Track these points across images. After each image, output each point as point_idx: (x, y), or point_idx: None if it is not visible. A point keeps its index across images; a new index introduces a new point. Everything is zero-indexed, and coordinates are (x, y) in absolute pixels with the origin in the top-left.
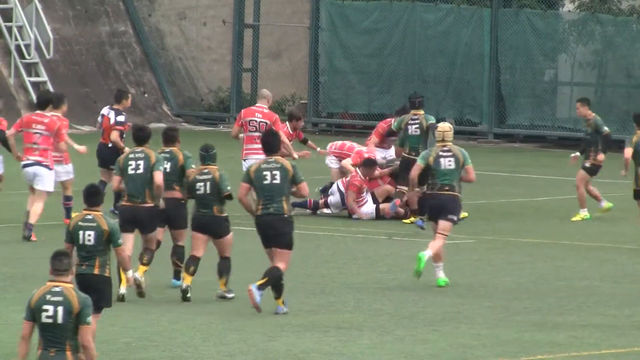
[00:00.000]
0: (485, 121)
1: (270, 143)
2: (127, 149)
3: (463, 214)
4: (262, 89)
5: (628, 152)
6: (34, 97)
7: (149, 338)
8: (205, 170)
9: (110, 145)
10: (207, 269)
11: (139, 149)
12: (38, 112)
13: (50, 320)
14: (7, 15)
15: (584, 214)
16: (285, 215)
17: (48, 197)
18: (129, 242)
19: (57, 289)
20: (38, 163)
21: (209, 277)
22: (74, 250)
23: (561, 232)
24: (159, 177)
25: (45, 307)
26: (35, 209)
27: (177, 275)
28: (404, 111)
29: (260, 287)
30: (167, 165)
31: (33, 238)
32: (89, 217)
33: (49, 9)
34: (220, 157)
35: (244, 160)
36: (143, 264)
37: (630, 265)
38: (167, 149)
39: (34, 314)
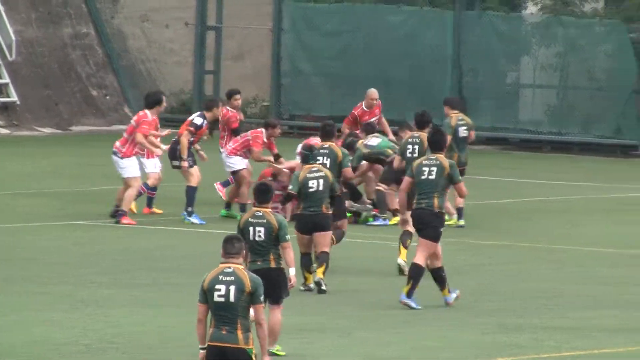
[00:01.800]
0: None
1: (436, 141)
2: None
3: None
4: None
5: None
6: None
7: (110, 340)
8: (315, 169)
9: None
10: (171, 271)
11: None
12: None
13: (222, 299)
14: None
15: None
16: (436, 210)
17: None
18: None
19: (229, 270)
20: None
21: (171, 279)
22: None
23: (523, 234)
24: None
25: (217, 286)
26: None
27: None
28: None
29: (409, 294)
30: (327, 161)
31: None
32: (259, 213)
33: (11, 10)
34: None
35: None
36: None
37: (592, 268)
38: (326, 145)
39: (206, 295)
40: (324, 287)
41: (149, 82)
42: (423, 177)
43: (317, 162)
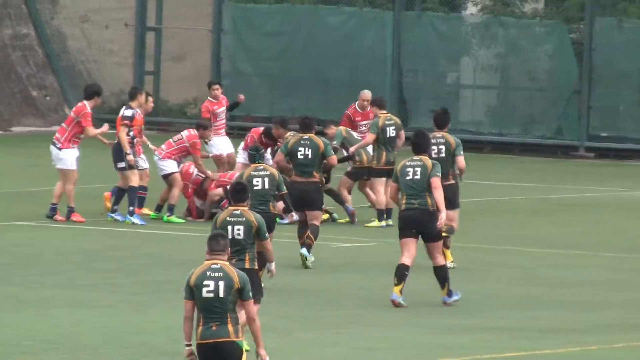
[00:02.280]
0: None
1: (419, 144)
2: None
3: (378, 223)
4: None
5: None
6: None
7: (51, 340)
8: (261, 167)
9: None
10: (113, 272)
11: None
12: None
13: (211, 295)
14: None
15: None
16: (431, 209)
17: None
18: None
19: (216, 266)
20: None
21: (112, 280)
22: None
23: (467, 235)
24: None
25: (206, 282)
26: None
27: (308, 248)
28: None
29: (449, 294)
30: (309, 152)
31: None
32: (237, 212)
33: None
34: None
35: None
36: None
37: (535, 269)
38: (306, 136)
39: (193, 291)
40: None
41: (89, 83)
42: (409, 178)
43: (300, 152)
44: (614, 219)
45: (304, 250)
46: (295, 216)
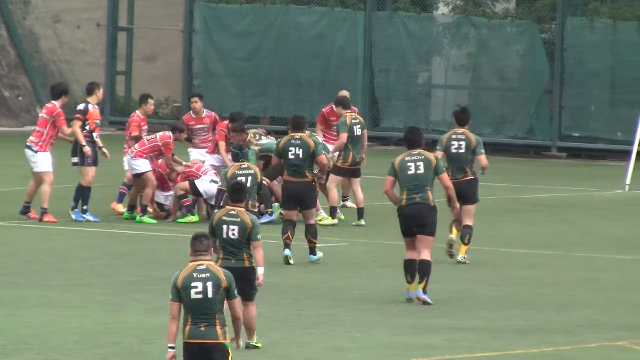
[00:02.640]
0: None
1: (414, 139)
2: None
3: (332, 220)
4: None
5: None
6: None
7: (23, 341)
8: (245, 166)
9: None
10: (85, 272)
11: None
12: None
13: (200, 296)
14: None
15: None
16: (432, 204)
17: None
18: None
19: (202, 267)
20: None
21: (84, 280)
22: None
23: (437, 234)
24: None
25: (193, 284)
26: None
27: (312, 251)
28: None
29: (424, 291)
30: (300, 152)
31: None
32: (233, 212)
33: None
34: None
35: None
36: (465, 244)
37: (505, 268)
38: (297, 135)
39: (180, 293)
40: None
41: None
42: (410, 172)
43: (291, 152)
44: (586, 219)
45: (287, 252)
46: (274, 215)
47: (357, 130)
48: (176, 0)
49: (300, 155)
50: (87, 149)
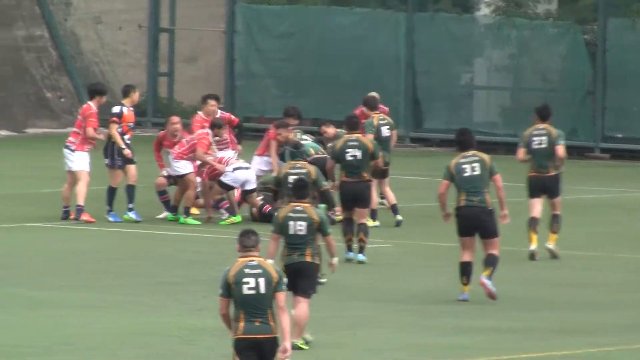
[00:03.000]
0: (402, 125)
1: (465, 140)
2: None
3: (373, 222)
4: None
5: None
6: None
7: (64, 342)
8: (299, 165)
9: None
10: (121, 273)
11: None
12: None
13: (252, 292)
14: None
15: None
16: (490, 208)
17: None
18: (537, 205)
19: (253, 263)
20: None
21: (126, 281)
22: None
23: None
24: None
25: (245, 279)
26: None
27: (362, 250)
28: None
29: (489, 277)
30: (358, 153)
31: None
32: (299, 208)
33: None
34: (138, 161)
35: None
36: (553, 232)
37: (547, 270)
38: (354, 137)
39: (231, 289)
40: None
41: (103, 84)
42: (466, 175)
43: (349, 154)
44: (628, 220)
45: (351, 255)
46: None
47: (385, 132)
48: (217, 1)
49: (359, 157)
50: (128, 152)
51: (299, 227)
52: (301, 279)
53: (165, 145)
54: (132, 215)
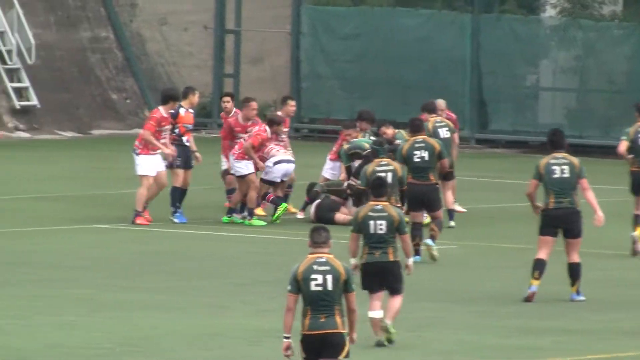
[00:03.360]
0: (467, 127)
1: (558, 140)
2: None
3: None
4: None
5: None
6: (15, 102)
7: (131, 343)
8: (384, 162)
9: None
10: (188, 274)
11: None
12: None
13: (320, 288)
14: None
15: None
16: (578, 209)
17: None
18: None
19: (322, 260)
20: None
21: (191, 282)
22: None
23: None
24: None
25: (313, 276)
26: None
27: (432, 239)
28: None
29: (578, 292)
30: (425, 154)
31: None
32: (378, 207)
33: (30, 14)
34: (203, 161)
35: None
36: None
37: (613, 271)
38: (420, 138)
39: (299, 285)
40: None
41: (168, 85)
42: (556, 176)
43: (416, 156)
44: None
45: (418, 259)
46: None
47: (444, 133)
48: (282, 2)
49: (426, 158)
50: (168, 152)
51: (380, 226)
52: (389, 280)
53: (237, 131)
54: (175, 219)
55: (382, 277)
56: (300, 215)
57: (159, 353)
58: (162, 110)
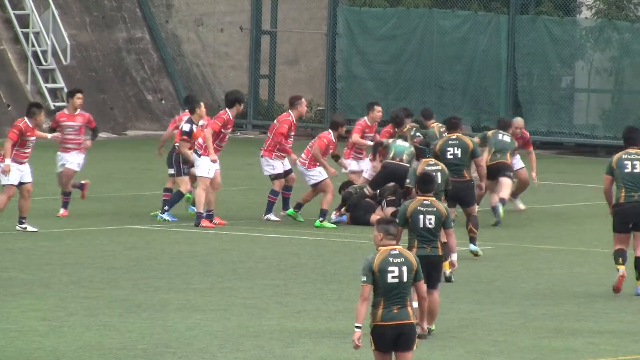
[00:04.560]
0: None
1: (633, 137)
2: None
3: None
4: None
5: None
6: (50, 103)
7: (166, 344)
8: (432, 162)
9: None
10: (226, 275)
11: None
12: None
13: (396, 280)
14: (24, 22)
15: None
16: None
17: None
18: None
19: (395, 252)
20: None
21: (226, 284)
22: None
23: (578, 238)
24: None
25: (390, 268)
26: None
27: (473, 241)
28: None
29: None
30: (458, 152)
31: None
32: (427, 202)
33: (65, 15)
34: (238, 163)
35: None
36: None
37: None
38: (454, 136)
39: (375, 276)
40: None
41: (204, 87)
42: (627, 171)
43: (449, 152)
44: None
45: (472, 247)
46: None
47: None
48: (319, 3)
49: (459, 155)
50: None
51: (429, 221)
52: (432, 271)
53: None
54: (166, 216)
55: (428, 272)
56: (334, 216)
57: (193, 354)
58: (229, 113)
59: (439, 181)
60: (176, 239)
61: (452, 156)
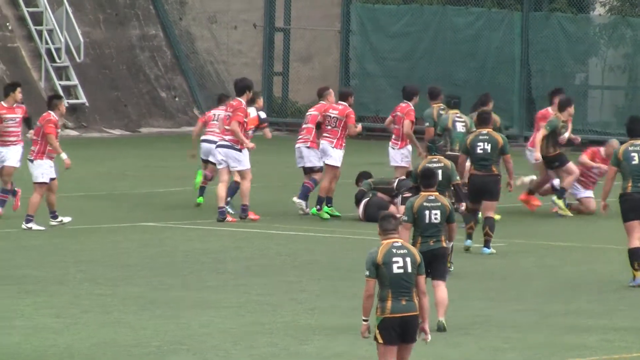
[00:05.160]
0: (516, 125)
1: (636, 128)
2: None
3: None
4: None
5: None
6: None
7: (180, 342)
8: (435, 159)
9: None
10: (239, 273)
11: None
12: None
13: (401, 271)
14: (38, 19)
15: None
16: None
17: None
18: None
19: (398, 244)
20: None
21: (240, 281)
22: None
23: (592, 235)
24: None
25: (395, 259)
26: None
27: (487, 244)
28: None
29: None
30: (488, 147)
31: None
32: (431, 197)
33: (79, 12)
34: (260, 161)
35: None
36: None
37: None
38: (484, 131)
39: (379, 269)
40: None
41: (217, 84)
42: (635, 162)
43: (479, 147)
44: None
45: (469, 243)
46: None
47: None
48: (332, 1)
49: (489, 150)
50: (252, 145)
51: (435, 216)
52: (438, 264)
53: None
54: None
55: (433, 265)
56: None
57: (207, 351)
58: (242, 101)
59: (439, 178)
60: (190, 236)
61: (481, 151)
